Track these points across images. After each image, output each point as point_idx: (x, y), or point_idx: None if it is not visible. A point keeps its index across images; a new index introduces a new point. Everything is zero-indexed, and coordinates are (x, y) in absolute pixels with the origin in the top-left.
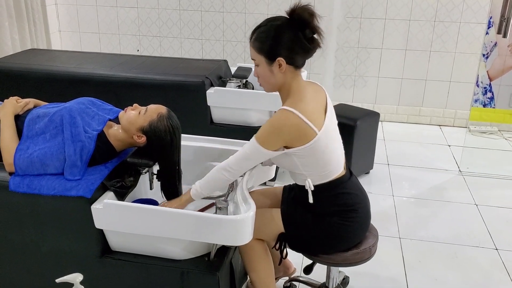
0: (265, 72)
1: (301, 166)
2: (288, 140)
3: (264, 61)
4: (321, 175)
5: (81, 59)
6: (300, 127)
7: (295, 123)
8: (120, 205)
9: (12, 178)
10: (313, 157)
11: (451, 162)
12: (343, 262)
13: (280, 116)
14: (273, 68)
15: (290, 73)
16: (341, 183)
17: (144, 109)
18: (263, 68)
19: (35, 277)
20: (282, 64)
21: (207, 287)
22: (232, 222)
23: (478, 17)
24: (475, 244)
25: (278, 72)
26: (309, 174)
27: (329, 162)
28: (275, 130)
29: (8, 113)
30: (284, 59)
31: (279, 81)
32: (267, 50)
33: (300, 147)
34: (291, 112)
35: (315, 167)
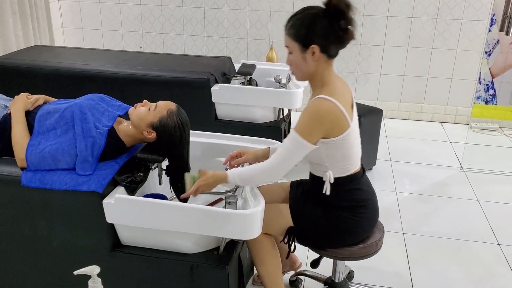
0: (298, 60)
1: (325, 157)
2: (327, 130)
3: (298, 48)
4: (342, 169)
5: (85, 56)
6: (339, 117)
7: (335, 112)
8: (132, 200)
9: (24, 173)
10: (340, 150)
11: (453, 158)
12: (350, 256)
13: (320, 104)
14: (307, 56)
15: (323, 62)
16: (356, 178)
17: (154, 105)
18: (296, 55)
19: (46, 271)
20: (316, 52)
21: (217, 280)
22: (241, 217)
23: (480, 15)
24: (478, 239)
25: (311, 60)
26: (332, 166)
27: (351, 156)
28: (316, 119)
29: (19, 109)
30: (318, 47)
31: (311, 69)
32: (302, 37)
33: (334, 138)
34: (330, 101)
35: (339, 160)
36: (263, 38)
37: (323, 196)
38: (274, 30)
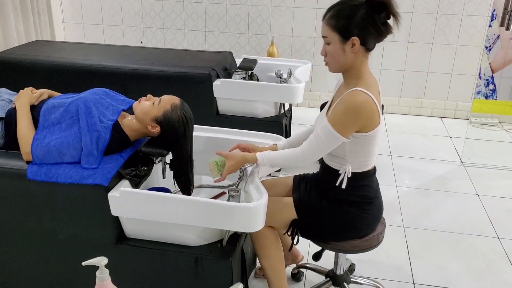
0: (336, 51)
1: (348, 152)
2: (362, 124)
3: (338, 39)
4: (360, 165)
5: (87, 51)
6: (374, 112)
7: (371, 106)
8: (137, 193)
9: (29, 166)
10: (365, 146)
11: (453, 153)
12: (353, 249)
13: (357, 97)
14: (346, 47)
15: (361, 55)
16: (368, 176)
17: (158, 100)
18: (334, 46)
19: (52, 263)
20: (356, 44)
21: (221, 272)
22: (245, 210)
23: (480, 10)
24: (477, 233)
25: (350, 52)
26: (352, 161)
27: (372, 153)
28: (352, 113)
29: (24, 103)
30: (358, 39)
31: (349, 62)
32: (342, 28)
33: (365, 133)
34: (367, 94)
35: (361, 156)
36: (264, 33)
37: (332, 189)
38: (275, 25)
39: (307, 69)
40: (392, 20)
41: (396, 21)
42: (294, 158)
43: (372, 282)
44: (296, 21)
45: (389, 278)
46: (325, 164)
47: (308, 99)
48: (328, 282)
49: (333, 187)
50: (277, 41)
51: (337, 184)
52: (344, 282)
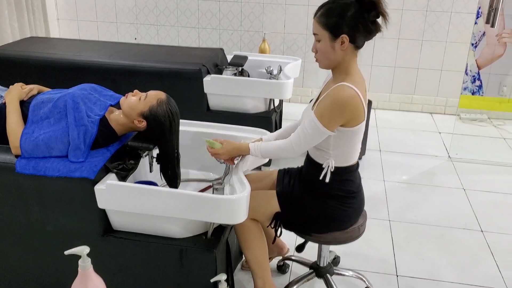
0: (326, 48)
1: (332, 146)
2: (347, 118)
3: (328, 36)
4: (343, 159)
5: (79, 47)
6: (359, 107)
7: (357, 102)
8: (122, 186)
9: (18, 160)
10: (349, 140)
11: (441, 148)
12: (334, 240)
13: (343, 92)
14: (335, 45)
15: (350, 53)
16: (351, 170)
17: (144, 95)
18: (325, 43)
19: (41, 254)
20: (345, 42)
21: (205, 263)
22: (228, 202)
23: (469, 7)
24: (462, 226)
25: (340, 49)
26: (335, 155)
27: (355, 149)
28: (338, 107)
29: (14, 98)
30: (347, 37)
31: (338, 58)
32: (332, 26)
33: (349, 128)
34: (353, 89)
35: (344, 150)
36: (256, 30)
37: (315, 182)
38: (267, 22)
39: (297, 65)
40: (381, 19)
41: (385, 20)
42: (283, 149)
43: (355, 274)
44: (288, 18)
45: (373, 270)
46: (310, 158)
47: (300, 95)
48: (312, 274)
49: (316, 180)
50: (269, 38)
51: (321, 178)
52: (327, 274)
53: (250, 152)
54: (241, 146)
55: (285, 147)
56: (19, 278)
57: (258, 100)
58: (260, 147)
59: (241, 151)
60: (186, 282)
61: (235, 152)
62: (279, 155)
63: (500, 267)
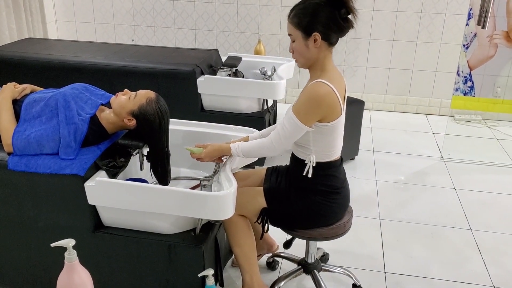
0: (300, 47)
1: (312, 141)
2: (323, 114)
3: (301, 36)
4: (324, 154)
5: (76, 48)
6: (335, 102)
7: (332, 97)
8: (112, 182)
9: (10, 157)
10: (328, 136)
11: (434, 149)
12: (319, 236)
13: (318, 88)
14: (309, 43)
15: (324, 50)
16: (334, 166)
17: (134, 94)
18: (299, 43)
19: (32, 250)
20: (318, 39)
21: (193, 259)
22: (215, 198)
23: (463, 9)
24: (451, 225)
25: (313, 47)
26: (315, 150)
27: (335, 144)
28: (314, 103)
29: (7, 97)
30: (319, 35)
31: (313, 56)
32: (304, 25)
33: (326, 123)
34: (328, 86)
35: (324, 146)
36: (252, 31)
37: (300, 178)
38: (263, 24)
39: (291, 66)
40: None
41: (354, 16)
42: (264, 147)
43: (343, 270)
44: (284, 19)
45: (362, 267)
46: (293, 155)
47: (295, 96)
48: (300, 270)
49: (301, 176)
50: (265, 39)
51: (304, 174)
52: (314, 270)
53: (231, 153)
54: (222, 147)
55: (265, 145)
56: (11, 272)
57: (252, 100)
58: (241, 146)
59: (222, 152)
60: (174, 277)
61: (216, 154)
62: (260, 154)
63: (487, 265)
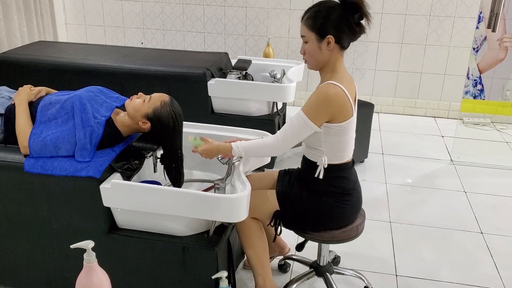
0: (313, 49)
1: (324, 143)
2: (333, 114)
3: (314, 38)
4: (336, 156)
5: (87, 51)
6: (346, 103)
7: (342, 98)
8: (127, 185)
9: (26, 160)
10: (339, 137)
11: (444, 152)
12: (332, 239)
13: (329, 89)
14: (322, 45)
15: (336, 53)
16: (346, 168)
17: (148, 97)
18: (312, 44)
19: (47, 251)
20: (331, 42)
21: (206, 261)
22: (229, 200)
23: (472, 12)
24: (462, 228)
25: (326, 49)
26: (327, 152)
27: (347, 146)
28: (323, 103)
29: (23, 100)
30: (333, 38)
31: (325, 58)
32: (319, 27)
33: (337, 124)
34: (338, 87)
35: (335, 147)
36: (260, 34)
37: (312, 180)
38: (272, 27)
39: (300, 69)
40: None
41: (368, 22)
42: (268, 145)
43: (355, 273)
44: (292, 22)
45: (373, 270)
46: (305, 157)
47: (303, 98)
48: (312, 273)
49: (313, 179)
50: (274, 42)
51: (316, 175)
52: (326, 273)
53: (232, 152)
54: (219, 147)
55: (270, 143)
56: (26, 274)
57: (262, 103)
58: (243, 145)
59: (221, 151)
60: (188, 279)
61: (214, 153)
62: (264, 153)
63: (498, 268)
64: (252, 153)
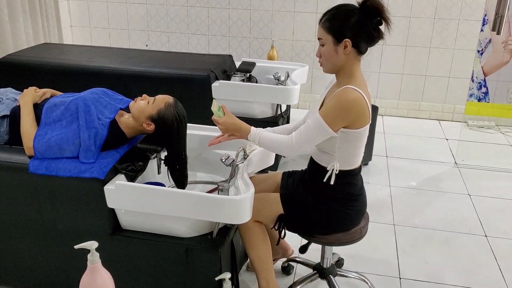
0: (330, 52)
1: (338, 148)
2: (351, 120)
3: (331, 40)
4: (348, 162)
5: (92, 53)
6: (364, 110)
7: (362, 104)
8: (131, 186)
9: (31, 161)
10: (353, 143)
11: (448, 155)
12: (336, 241)
13: (349, 94)
14: (339, 49)
15: (352, 57)
16: (354, 174)
17: (152, 99)
18: (328, 47)
19: (51, 252)
20: (348, 46)
21: (210, 262)
22: (232, 202)
23: (476, 15)
24: (466, 231)
25: (342, 53)
26: (340, 158)
27: (359, 153)
28: (343, 108)
29: (28, 101)
30: (350, 41)
31: (341, 62)
32: (336, 30)
33: (354, 130)
34: (358, 92)
35: (348, 153)
36: (265, 37)
37: (318, 185)
38: (276, 29)
39: (304, 71)
40: (384, 26)
41: (388, 27)
42: (283, 143)
43: (359, 276)
44: (297, 25)
45: (376, 273)
46: (314, 161)
47: (308, 101)
48: (315, 275)
49: (320, 183)
50: (278, 44)
51: (325, 181)
52: (330, 275)
53: (248, 136)
54: (241, 125)
55: (285, 141)
56: (31, 274)
57: (265, 106)
58: (261, 134)
59: (240, 130)
60: (191, 280)
61: (233, 128)
62: (276, 149)
63: (503, 271)
64: (266, 145)
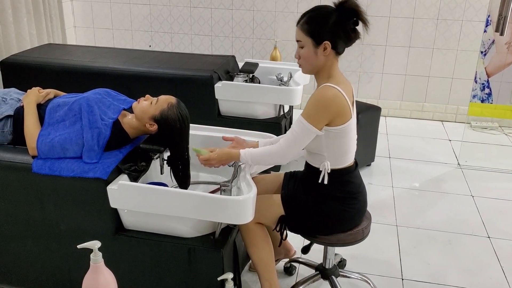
0: (309, 54)
1: (325, 147)
2: (332, 117)
3: (311, 43)
4: (338, 161)
5: (95, 54)
6: (344, 105)
7: (340, 99)
8: (134, 186)
9: (35, 161)
10: (339, 140)
11: (451, 156)
12: (338, 242)
13: (326, 91)
14: (318, 51)
15: (331, 58)
16: (349, 172)
17: (155, 100)
18: (308, 50)
19: (54, 252)
20: (327, 48)
21: (212, 262)
22: (235, 202)
23: (480, 16)
24: (469, 232)
25: (322, 54)
26: (329, 157)
27: (348, 150)
28: (322, 105)
29: (31, 102)
30: (329, 43)
31: (320, 64)
32: (316, 33)
33: (336, 127)
34: (336, 89)
35: (337, 151)
36: (268, 37)
37: (316, 186)
38: (279, 30)
39: None
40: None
41: (366, 27)
42: (273, 153)
43: (361, 276)
44: None
45: (379, 274)
46: (307, 164)
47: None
48: (317, 275)
49: (317, 184)
50: (281, 45)
51: (320, 181)
52: (332, 276)
53: (240, 158)
54: (231, 152)
55: (275, 151)
56: (33, 274)
57: (268, 106)
58: (250, 153)
59: (232, 158)
60: (194, 281)
61: (225, 158)
62: (270, 161)
63: (505, 273)
64: (259, 161)
